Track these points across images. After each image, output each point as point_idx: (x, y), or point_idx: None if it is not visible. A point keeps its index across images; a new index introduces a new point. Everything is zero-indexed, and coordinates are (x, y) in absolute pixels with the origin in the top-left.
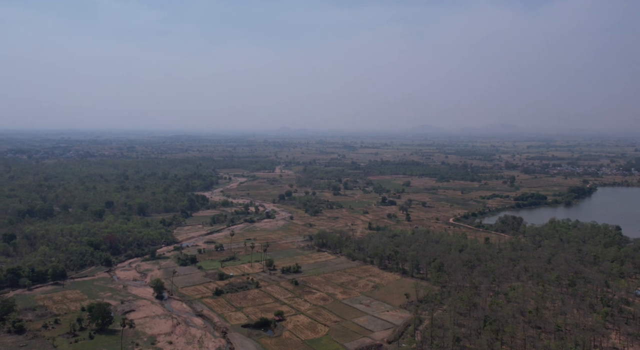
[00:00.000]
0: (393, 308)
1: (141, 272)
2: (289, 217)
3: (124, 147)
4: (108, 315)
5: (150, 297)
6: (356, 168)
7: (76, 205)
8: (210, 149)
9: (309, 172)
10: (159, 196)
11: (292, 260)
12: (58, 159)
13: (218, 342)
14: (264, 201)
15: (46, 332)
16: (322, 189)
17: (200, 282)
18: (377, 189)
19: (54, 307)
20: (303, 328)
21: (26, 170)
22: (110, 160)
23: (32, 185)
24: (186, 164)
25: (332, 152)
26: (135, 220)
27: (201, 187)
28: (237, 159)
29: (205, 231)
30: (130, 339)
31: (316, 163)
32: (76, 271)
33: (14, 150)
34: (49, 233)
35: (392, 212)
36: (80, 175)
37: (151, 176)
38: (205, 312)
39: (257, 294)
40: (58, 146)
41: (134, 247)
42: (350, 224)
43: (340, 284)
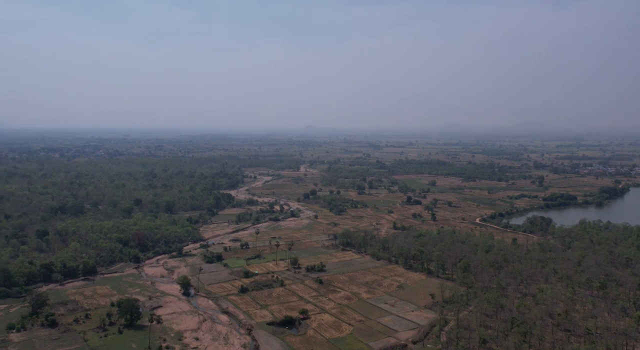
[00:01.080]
0: (418, 308)
1: (168, 269)
2: (314, 216)
3: (152, 146)
4: (136, 310)
5: (177, 294)
6: (381, 167)
7: (106, 202)
8: (236, 147)
9: (334, 171)
10: (185, 194)
11: (316, 259)
12: (89, 158)
13: (243, 339)
14: (289, 200)
15: (77, 326)
16: (347, 188)
17: (225, 280)
18: (402, 188)
19: (85, 302)
20: (327, 327)
21: (58, 169)
22: (139, 159)
23: (64, 183)
24: (212, 162)
25: (357, 151)
26: (163, 218)
27: (227, 185)
28: (263, 158)
29: (231, 229)
30: (158, 335)
31: (341, 162)
32: (106, 267)
33: (46, 149)
34: (80, 230)
35: (418, 211)
36: (110, 173)
37: (178, 174)
38: (231, 309)
39: (282, 292)
40: (89, 145)
41: (161, 244)
42: (375, 223)
43: (365, 284)
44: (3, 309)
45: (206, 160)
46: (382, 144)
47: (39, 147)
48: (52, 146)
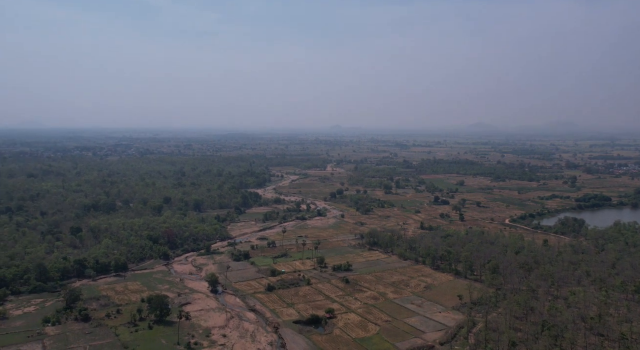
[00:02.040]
0: (445, 309)
1: (197, 266)
2: (340, 215)
3: (181, 145)
4: (166, 307)
5: (205, 291)
6: (408, 167)
7: (136, 200)
8: (263, 146)
9: (360, 170)
10: (213, 193)
11: (343, 258)
12: (120, 156)
13: (270, 337)
14: (315, 199)
15: (109, 321)
16: (374, 188)
17: (252, 278)
18: (430, 188)
19: (116, 297)
20: (354, 326)
21: (91, 167)
22: (168, 158)
23: (96, 181)
24: (240, 161)
25: (384, 150)
26: (192, 216)
27: (254, 184)
28: (289, 157)
29: (258, 228)
30: (187, 331)
31: (367, 161)
32: (136, 263)
33: (80, 148)
34: (112, 227)
35: (445, 211)
36: (141, 171)
37: (206, 173)
38: (258, 307)
39: (308, 290)
40: (120, 144)
41: (190, 241)
42: (401, 223)
43: (392, 284)
44: (39, 303)
45: (234, 159)
46: (409, 144)
47: (73, 146)
48: (86, 145)
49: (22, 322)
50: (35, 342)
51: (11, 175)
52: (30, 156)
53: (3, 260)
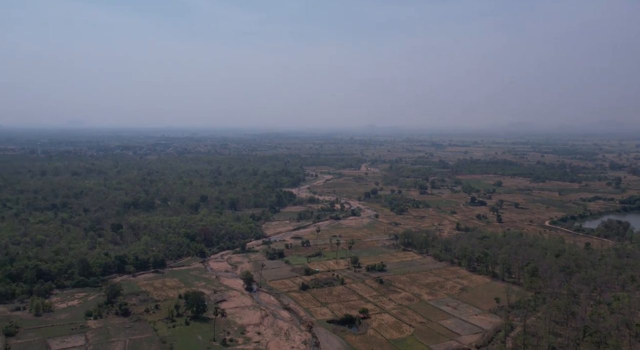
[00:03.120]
0: (482, 312)
1: (232, 264)
2: (374, 215)
3: (217, 144)
4: (202, 303)
5: (240, 288)
6: (444, 167)
7: (174, 198)
8: (297, 146)
9: (395, 170)
10: (249, 192)
11: (377, 259)
12: (159, 155)
13: (304, 335)
14: (350, 199)
15: (148, 316)
16: (408, 188)
17: (287, 276)
18: (466, 188)
19: (155, 293)
20: (388, 327)
21: (131, 166)
22: (205, 157)
23: (136, 180)
24: (275, 160)
25: (419, 150)
26: (227, 214)
27: (289, 183)
28: (324, 157)
29: (292, 227)
30: (222, 328)
31: (402, 161)
32: (174, 260)
33: (121, 147)
34: (151, 224)
35: (482, 212)
36: (178, 170)
37: (242, 172)
38: (292, 306)
39: (342, 290)
40: (159, 143)
41: (225, 239)
42: (437, 224)
43: (426, 285)
44: (82, 297)
45: (269, 158)
46: (445, 143)
47: (114, 145)
48: (126, 144)
49: (66, 315)
50: (78, 335)
51: (57, 173)
52: (74, 155)
53: (49, 255)
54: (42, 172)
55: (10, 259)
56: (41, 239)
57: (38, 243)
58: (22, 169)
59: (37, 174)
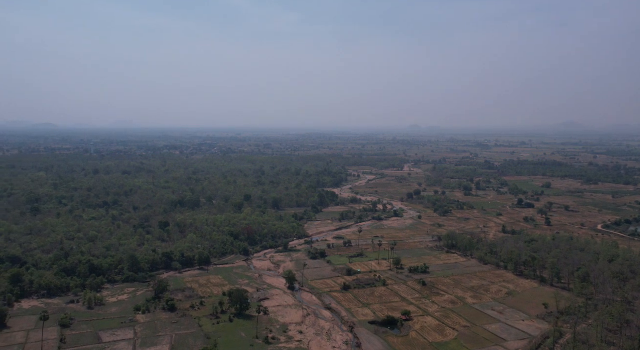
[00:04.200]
0: (529, 317)
1: (274, 263)
2: (417, 216)
3: (261, 144)
4: (245, 301)
5: (282, 287)
6: (489, 167)
7: (219, 197)
8: (340, 146)
9: (439, 170)
10: (291, 191)
11: (419, 260)
12: (204, 155)
13: (345, 335)
14: (392, 199)
15: (193, 312)
16: (452, 189)
17: (328, 276)
18: (513, 189)
19: (200, 289)
20: (430, 330)
21: (178, 165)
22: (249, 157)
23: (182, 178)
24: (317, 160)
25: (464, 150)
26: (270, 214)
27: (330, 183)
28: (366, 157)
29: (334, 226)
30: (264, 325)
31: (446, 161)
32: (218, 258)
33: (168, 147)
34: (196, 222)
35: (529, 215)
36: (223, 169)
37: (284, 172)
38: (333, 306)
39: (384, 291)
40: (204, 143)
41: (268, 238)
42: (482, 226)
43: (470, 288)
44: (131, 292)
45: (311, 158)
46: (490, 143)
47: (162, 145)
48: (173, 144)
49: (116, 308)
50: (127, 328)
51: (108, 171)
52: (124, 154)
53: (100, 250)
54: (94, 170)
55: (65, 253)
56: (93, 235)
57: (90, 239)
58: (76, 168)
59: (90, 172)
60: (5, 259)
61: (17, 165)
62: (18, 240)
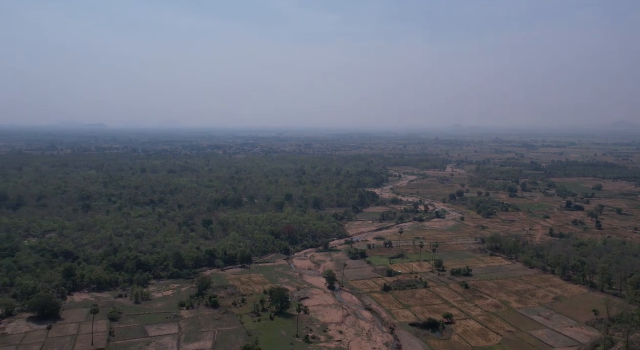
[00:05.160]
0: (577, 324)
1: (315, 262)
2: (460, 217)
3: (302, 144)
4: (286, 299)
5: (322, 287)
6: (536, 168)
7: (260, 196)
8: (380, 146)
9: (482, 171)
10: (331, 191)
11: (462, 263)
12: (246, 155)
13: (385, 337)
14: (434, 200)
15: (235, 309)
16: (497, 190)
17: (369, 277)
18: (561, 191)
19: (241, 287)
20: (473, 334)
21: (221, 164)
22: (290, 156)
23: (225, 177)
24: (357, 160)
25: (509, 150)
26: (311, 213)
27: (371, 183)
28: (407, 157)
29: (375, 227)
30: (305, 324)
31: (490, 162)
32: (259, 256)
33: (212, 146)
34: (238, 221)
35: (579, 218)
36: (264, 169)
37: (325, 172)
38: (374, 306)
39: (425, 293)
40: (247, 143)
41: (308, 238)
42: (528, 229)
43: (515, 292)
44: (176, 288)
45: (352, 158)
46: (537, 144)
47: (206, 145)
48: (216, 144)
49: (161, 304)
50: (172, 323)
51: (154, 170)
52: (170, 154)
53: (147, 247)
54: (141, 169)
55: (114, 249)
56: (140, 232)
57: (137, 235)
58: (124, 166)
59: (138, 171)
60: (59, 254)
61: (70, 164)
62: (71, 236)
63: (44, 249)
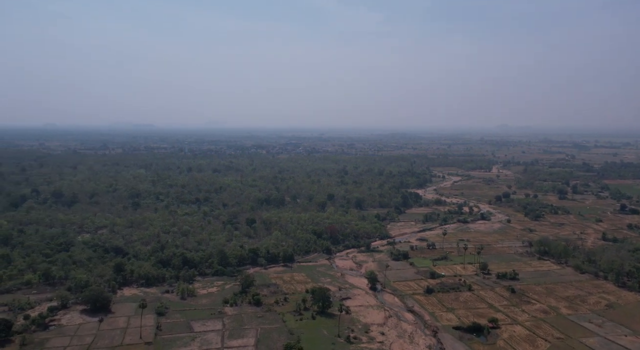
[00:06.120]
0: (633, 333)
1: (357, 263)
2: (506, 220)
3: (344, 144)
4: (327, 299)
5: (364, 287)
6: (588, 170)
7: (303, 196)
8: (424, 146)
9: (530, 172)
10: (374, 192)
11: (508, 266)
12: (289, 154)
13: (428, 340)
14: (479, 202)
15: (277, 308)
16: (545, 192)
17: (411, 278)
18: (615, 194)
19: (284, 286)
20: (520, 340)
21: (264, 164)
22: (332, 156)
23: (268, 177)
24: (400, 161)
25: (559, 151)
26: (353, 213)
27: (414, 184)
28: (452, 157)
29: (418, 228)
30: (346, 325)
31: (539, 163)
32: (302, 256)
33: (255, 146)
34: (281, 220)
35: (635, 222)
36: (307, 169)
37: (367, 172)
38: (416, 309)
39: (469, 297)
40: (290, 143)
41: (350, 238)
42: (578, 233)
43: (565, 298)
44: (220, 285)
45: (394, 158)
46: (589, 144)
47: (250, 145)
48: (260, 144)
49: (206, 300)
50: (216, 319)
51: (200, 170)
52: (215, 153)
53: (192, 244)
54: (188, 168)
55: (161, 246)
56: (186, 230)
57: (184, 233)
58: (172, 166)
59: (184, 170)
60: (110, 250)
61: (121, 163)
62: (121, 232)
63: (96, 245)
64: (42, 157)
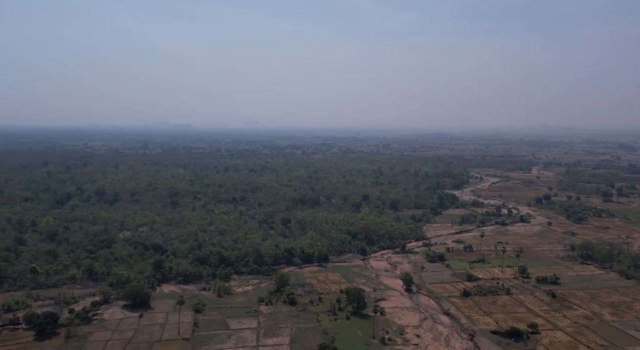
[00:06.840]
0: None
1: (392, 264)
2: (547, 222)
3: (379, 145)
4: (362, 300)
5: (399, 289)
6: (634, 172)
7: (338, 196)
8: (461, 147)
9: (573, 174)
10: (409, 192)
11: (548, 270)
12: (324, 155)
13: (465, 344)
14: (518, 203)
15: (312, 307)
16: (588, 194)
17: (447, 281)
18: None
19: (318, 286)
20: (561, 346)
21: (299, 164)
22: (368, 157)
23: (303, 177)
24: (437, 161)
25: (603, 152)
26: (388, 214)
27: (451, 185)
28: (490, 158)
29: (454, 230)
30: (381, 326)
31: (582, 164)
32: (336, 256)
33: (291, 146)
34: (316, 220)
35: None
36: (342, 169)
37: (403, 173)
38: (452, 312)
39: (508, 301)
40: (325, 143)
41: (385, 239)
42: (624, 236)
43: (609, 304)
44: (255, 284)
45: (430, 159)
46: (637, 145)
47: (285, 145)
48: (295, 144)
49: (242, 298)
50: (252, 318)
51: (236, 170)
52: (251, 153)
53: (229, 243)
54: (225, 168)
55: (199, 244)
56: (223, 229)
57: (220, 232)
58: (209, 165)
59: (221, 170)
60: (150, 247)
61: (160, 163)
62: (160, 230)
63: (136, 242)
64: (86, 156)
